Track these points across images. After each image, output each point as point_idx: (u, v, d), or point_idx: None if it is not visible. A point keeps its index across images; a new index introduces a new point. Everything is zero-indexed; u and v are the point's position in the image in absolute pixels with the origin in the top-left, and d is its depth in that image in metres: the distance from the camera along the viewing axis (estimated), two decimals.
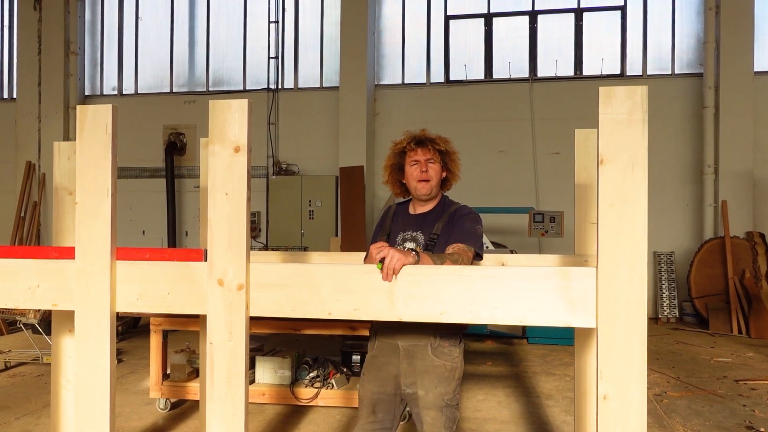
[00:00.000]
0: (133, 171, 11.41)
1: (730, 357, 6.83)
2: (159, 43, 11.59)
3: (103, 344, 1.99)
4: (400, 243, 2.56)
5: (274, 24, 11.01)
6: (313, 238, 10.37)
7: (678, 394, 5.33)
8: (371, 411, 2.57)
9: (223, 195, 1.91)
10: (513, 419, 4.67)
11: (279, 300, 1.94)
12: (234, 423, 1.93)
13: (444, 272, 1.85)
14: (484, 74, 10.46)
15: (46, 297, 2.07)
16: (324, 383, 4.67)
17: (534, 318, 1.82)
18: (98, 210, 1.98)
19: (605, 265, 1.71)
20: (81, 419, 2.00)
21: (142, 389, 5.33)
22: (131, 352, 6.89)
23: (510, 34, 10.39)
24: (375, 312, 1.89)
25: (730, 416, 4.73)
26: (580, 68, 10.18)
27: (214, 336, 1.92)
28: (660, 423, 4.57)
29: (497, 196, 9.84)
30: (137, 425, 4.52)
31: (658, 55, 9.99)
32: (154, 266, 2.00)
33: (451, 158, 2.66)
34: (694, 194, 9.72)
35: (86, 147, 2.00)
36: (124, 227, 11.13)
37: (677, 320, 9.27)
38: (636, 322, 1.70)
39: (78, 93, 11.61)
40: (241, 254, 1.91)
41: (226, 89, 11.25)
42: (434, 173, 2.61)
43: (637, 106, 1.70)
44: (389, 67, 10.77)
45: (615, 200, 1.70)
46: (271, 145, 10.90)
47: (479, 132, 10.24)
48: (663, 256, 9.60)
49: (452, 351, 2.49)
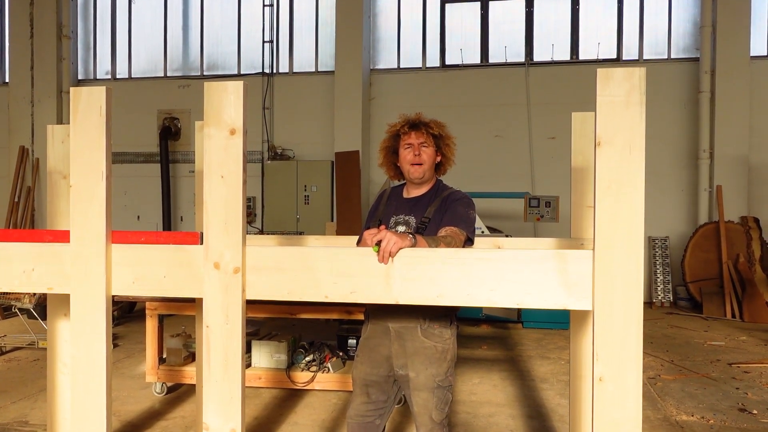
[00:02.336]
0: (128, 156, 11.34)
1: (724, 341, 6.88)
2: (153, 26, 11.48)
3: (99, 328, 1.98)
4: (393, 226, 2.56)
5: (268, 7, 10.91)
6: (309, 223, 10.36)
7: (672, 377, 5.37)
8: (365, 392, 2.59)
9: (218, 178, 1.90)
10: (508, 402, 4.70)
11: (275, 283, 1.94)
12: (231, 405, 1.93)
13: (441, 255, 1.85)
14: (480, 58, 10.41)
15: (41, 280, 2.06)
16: (320, 367, 4.68)
17: (531, 300, 1.82)
18: (93, 193, 1.97)
19: (602, 248, 1.71)
20: (78, 403, 2.00)
21: (138, 373, 5.34)
22: (127, 337, 6.89)
23: (506, 18, 10.33)
24: (372, 295, 1.89)
25: (723, 399, 4.77)
26: (576, 52, 10.15)
27: (210, 319, 1.92)
28: (654, 405, 4.61)
29: (493, 181, 9.84)
30: (134, 409, 4.53)
31: (654, 40, 9.96)
32: (149, 249, 1.99)
33: (446, 142, 2.65)
34: (689, 179, 9.74)
35: (80, 129, 1.99)
36: (118, 213, 11.11)
37: (671, 304, 9.32)
38: (632, 305, 1.71)
39: (71, 77, 11.51)
40: (237, 237, 1.90)
41: (221, 73, 11.17)
42: (427, 157, 2.60)
43: (636, 87, 1.69)
44: (385, 51, 10.71)
45: (612, 183, 1.70)
46: (266, 129, 10.85)
47: (475, 116, 10.21)
48: (658, 241, 9.64)
49: (443, 332, 2.50)
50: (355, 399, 2.61)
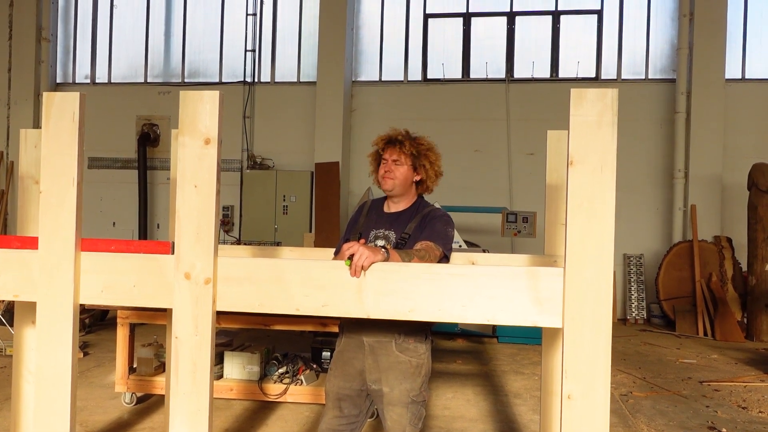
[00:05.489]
0: (105, 161, 11.21)
1: (696, 358, 6.96)
2: (134, 32, 11.40)
3: (66, 337, 1.95)
4: (372, 240, 2.55)
5: (252, 16, 10.90)
6: (287, 233, 10.31)
7: (643, 394, 5.42)
8: (337, 406, 2.57)
9: (192, 187, 1.89)
10: (481, 417, 4.70)
11: (247, 295, 1.92)
12: (198, 418, 1.91)
13: (414, 270, 1.85)
14: (462, 73, 10.49)
15: (7, 287, 2.02)
16: (293, 379, 4.65)
17: (502, 317, 1.82)
18: (63, 199, 1.94)
19: (572, 266, 1.72)
20: (41, 413, 1.96)
21: (107, 383, 5.25)
22: (98, 345, 6.78)
23: (488, 34, 10.43)
24: (343, 308, 1.88)
25: (693, 416, 4.82)
26: (556, 70, 10.27)
27: (179, 330, 1.90)
28: (625, 423, 4.64)
29: (472, 195, 9.88)
30: (101, 419, 4.45)
31: (632, 60, 10.12)
32: (119, 258, 1.97)
33: (424, 162, 2.62)
34: (664, 198, 9.88)
35: (52, 134, 1.96)
36: (94, 219, 10.96)
37: (645, 322, 9.42)
38: (601, 323, 1.72)
39: (49, 80, 11.38)
40: (209, 248, 1.88)
41: (202, 81, 11.12)
42: (399, 174, 2.60)
43: (608, 108, 1.72)
44: (367, 64, 10.75)
45: (584, 201, 1.72)
46: (246, 138, 10.80)
47: (455, 131, 10.27)
48: (632, 258, 9.75)
49: (418, 347, 2.49)
50: (328, 413, 2.58)
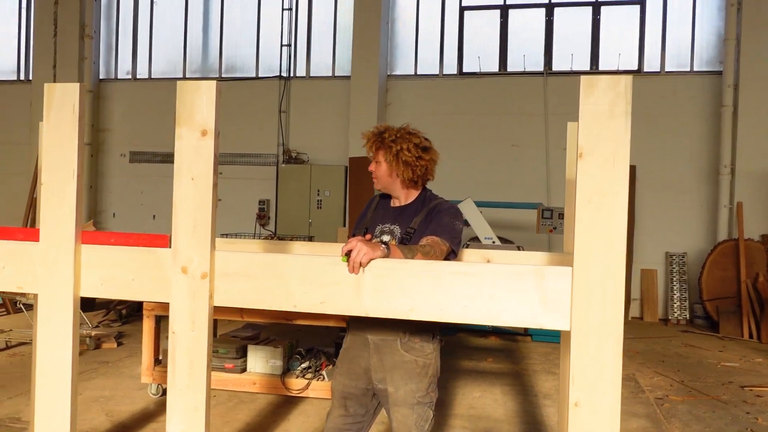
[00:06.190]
0: (145, 155, 11.43)
1: (738, 362, 6.68)
2: (173, 27, 11.56)
3: (66, 329, 1.94)
4: (378, 235, 2.49)
5: (287, 11, 10.92)
6: (321, 227, 10.31)
7: (680, 398, 5.21)
8: (342, 405, 2.52)
9: (188, 180, 1.85)
10: (507, 418, 4.58)
11: (244, 290, 1.88)
12: (195, 415, 1.87)
13: (413, 267, 1.77)
14: (499, 67, 10.30)
15: (11, 279, 2.02)
16: (315, 374, 4.62)
17: (507, 318, 1.73)
18: (63, 192, 1.93)
19: (581, 265, 1.62)
20: (42, 405, 1.96)
21: (137, 374, 5.31)
22: (132, 336, 6.89)
23: (526, 26, 10.21)
24: (342, 306, 1.82)
25: (731, 423, 4.61)
26: (596, 63, 9.99)
27: (176, 325, 1.87)
28: (658, 427, 4.46)
29: (508, 191, 9.70)
30: (127, 409, 4.51)
31: (677, 52, 9.76)
32: (118, 251, 1.95)
33: (399, 156, 2.51)
34: (709, 194, 9.51)
35: (53, 126, 1.95)
36: (134, 211, 11.22)
37: (687, 322, 9.10)
38: (611, 326, 1.62)
39: (92, 76, 11.64)
40: (205, 242, 1.84)
41: (239, 76, 11.20)
42: (380, 173, 2.58)
43: (621, 96, 1.61)
44: (402, 58, 10.65)
45: (593, 196, 1.62)
46: (281, 133, 10.85)
47: (492, 125, 10.11)
48: (675, 257, 9.43)
49: (424, 347, 2.41)
50: (333, 411, 2.53)
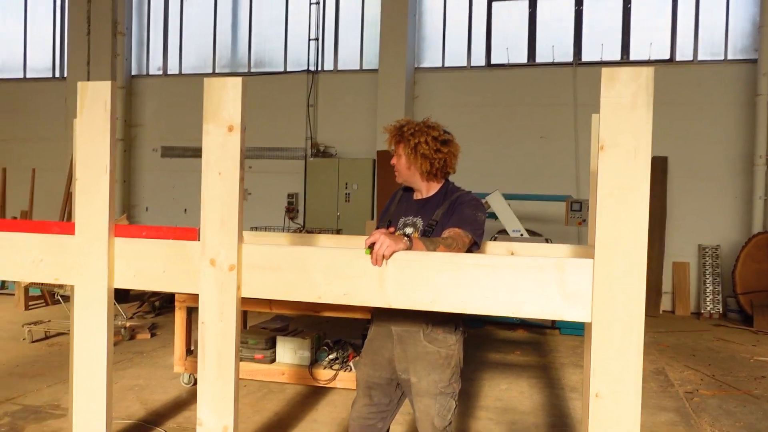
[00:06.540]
0: (177, 150, 11.61)
1: None
2: (203, 23, 11.70)
3: (101, 319, 2.01)
4: (401, 228, 2.52)
5: (315, 5, 10.97)
6: (349, 221, 10.37)
7: (710, 392, 5.14)
8: (367, 394, 2.56)
9: (216, 174, 1.90)
10: (533, 410, 4.58)
11: (271, 282, 1.92)
12: (224, 404, 1.93)
13: (435, 259, 1.80)
14: (527, 58, 10.21)
15: (48, 271, 2.10)
16: (343, 365, 4.67)
17: (528, 309, 1.75)
18: (97, 187, 2.00)
19: (602, 257, 1.63)
20: (79, 393, 2.03)
21: (169, 363, 5.44)
22: (166, 327, 7.04)
23: (555, 16, 10.09)
24: (365, 298, 1.85)
25: (763, 418, 4.54)
26: (627, 53, 9.83)
27: (205, 316, 1.92)
28: (687, 422, 4.41)
29: (537, 183, 9.62)
30: (160, 398, 4.62)
31: (710, 40, 9.55)
32: (149, 244, 2.01)
33: (413, 143, 2.52)
34: (743, 186, 9.31)
35: (86, 123, 2.03)
36: (167, 205, 11.42)
37: (721, 316, 8.94)
38: (632, 318, 1.62)
39: (125, 73, 11.85)
40: (233, 235, 1.89)
41: (268, 70, 11.30)
42: (401, 167, 2.60)
43: (642, 88, 1.61)
44: (430, 50, 10.63)
45: (615, 189, 1.62)
46: (309, 126, 10.92)
47: (520, 117, 10.04)
48: (708, 250, 9.26)
49: (447, 338, 2.44)
50: (358, 401, 2.58)
